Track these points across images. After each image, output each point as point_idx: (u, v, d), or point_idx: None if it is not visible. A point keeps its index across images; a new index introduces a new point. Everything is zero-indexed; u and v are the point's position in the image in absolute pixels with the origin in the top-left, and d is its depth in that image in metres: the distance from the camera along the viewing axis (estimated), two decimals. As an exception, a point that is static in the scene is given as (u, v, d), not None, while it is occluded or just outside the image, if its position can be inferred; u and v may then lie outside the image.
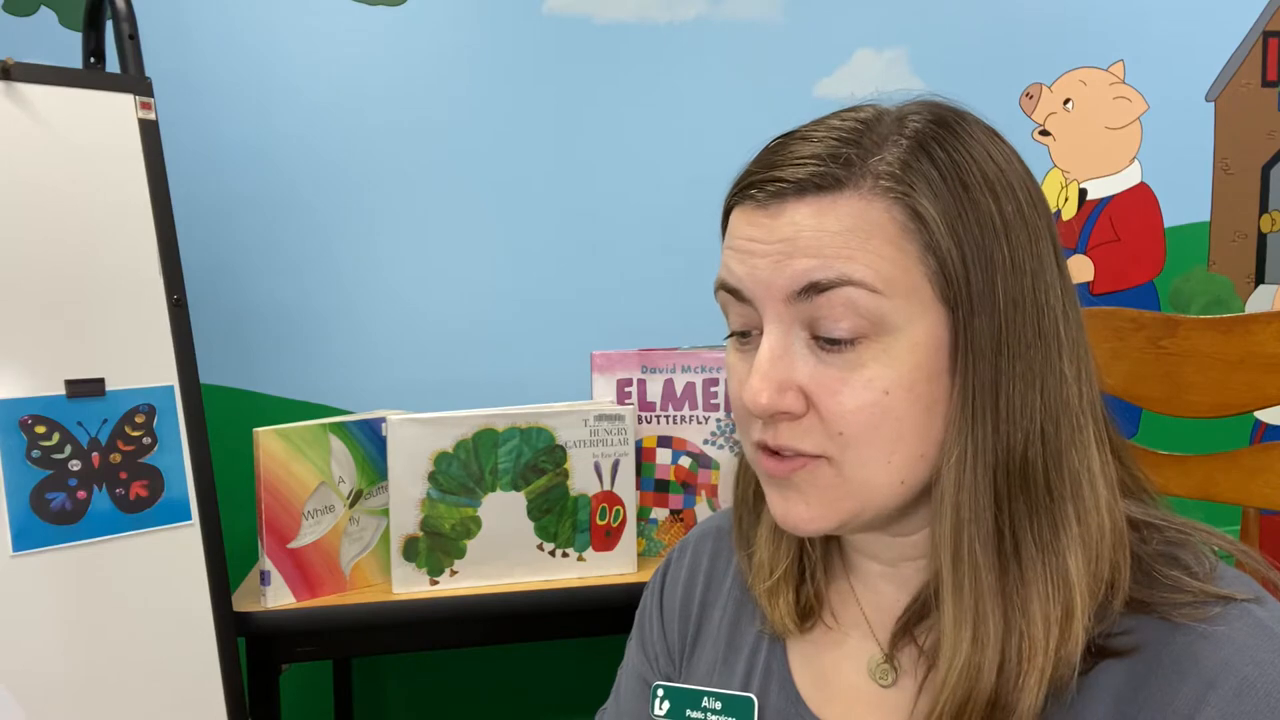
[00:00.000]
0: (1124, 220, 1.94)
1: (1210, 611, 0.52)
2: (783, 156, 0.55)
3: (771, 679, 0.64)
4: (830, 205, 0.52)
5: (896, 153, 0.53)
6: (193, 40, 1.63)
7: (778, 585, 0.64)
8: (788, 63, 1.80)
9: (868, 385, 0.52)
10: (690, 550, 0.75)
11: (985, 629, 0.52)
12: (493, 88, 1.73)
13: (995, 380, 0.52)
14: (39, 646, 1.06)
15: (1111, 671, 0.52)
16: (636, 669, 0.74)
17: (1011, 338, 0.53)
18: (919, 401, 0.53)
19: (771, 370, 0.53)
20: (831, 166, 0.53)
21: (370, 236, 1.72)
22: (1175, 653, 0.51)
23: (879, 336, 0.52)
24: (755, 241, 0.54)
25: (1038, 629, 0.51)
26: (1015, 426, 0.53)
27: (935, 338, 0.53)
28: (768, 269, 0.54)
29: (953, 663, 0.53)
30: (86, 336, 1.13)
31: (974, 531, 0.53)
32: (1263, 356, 1.00)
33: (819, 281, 0.52)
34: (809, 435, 0.54)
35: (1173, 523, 0.57)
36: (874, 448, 0.53)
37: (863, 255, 0.52)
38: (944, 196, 0.52)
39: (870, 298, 0.51)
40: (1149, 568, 0.54)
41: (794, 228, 0.53)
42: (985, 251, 0.52)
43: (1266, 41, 1.96)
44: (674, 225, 1.79)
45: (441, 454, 1.28)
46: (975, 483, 0.53)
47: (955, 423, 0.53)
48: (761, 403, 0.53)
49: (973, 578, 0.53)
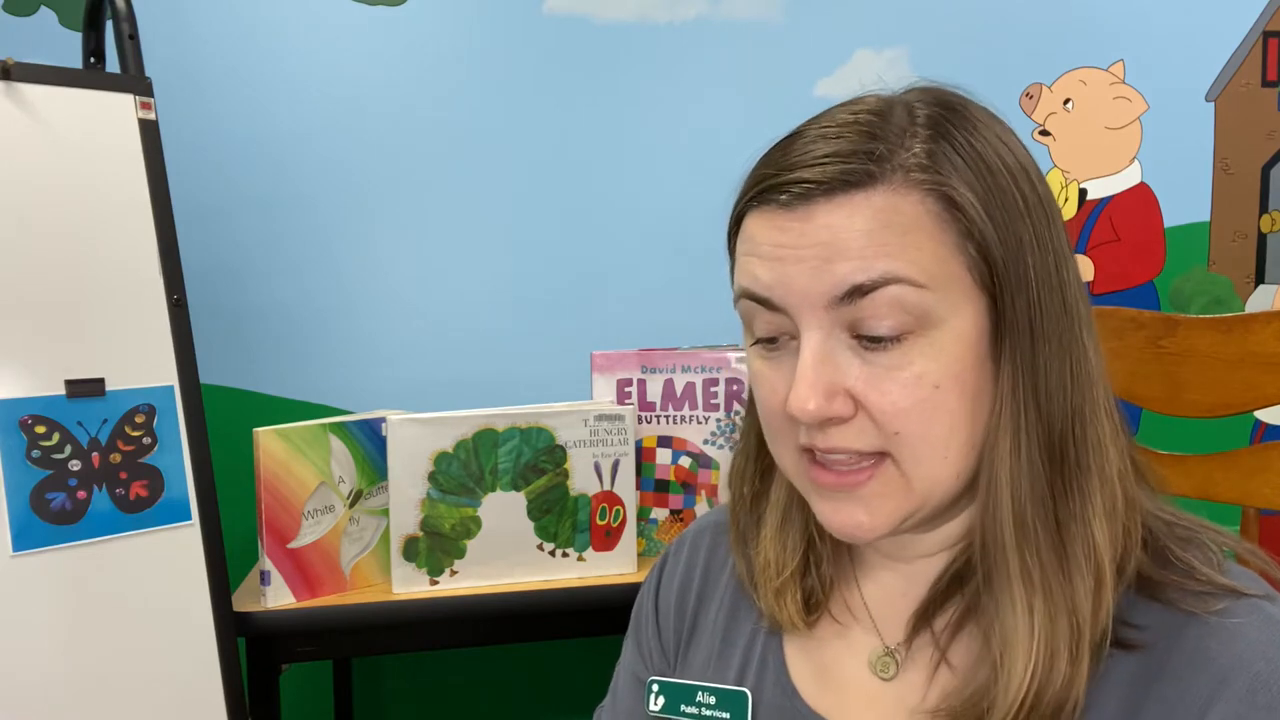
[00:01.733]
0: (1124, 220, 1.94)
1: (1220, 604, 0.51)
2: (800, 157, 0.53)
3: (767, 672, 0.64)
4: (864, 202, 0.51)
5: (920, 142, 0.52)
6: (193, 40, 1.63)
7: (786, 584, 0.63)
8: (788, 63, 1.80)
9: (918, 381, 0.52)
10: (688, 546, 0.75)
11: (1056, 614, 0.51)
12: (493, 88, 1.73)
13: (1034, 360, 0.53)
14: (39, 646, 1.06)
15: (1123, 663, 0.52)
16: (632, 666, 0.74)
17: (1045, 317, 0.53)
18: (967, 391, 0.52)
19: (818, 376, 0.52)
20: (857, 163, 0.51)
21: (370, 236, 1.72)
22: (1187, 647, 0.51)
23: (924, 331, 0.51)
24: (784, 247, 0.53)
25: (1083, 602, 0.51)
26: (1054, 404, 0.53)
27: (977, 326, 0.52)
28: (805, 275, 0.52)
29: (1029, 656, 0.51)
30: (86, 336, 1.13)
31: (1033, 512, 0.52)
32: (1262, 356, 1.00)
33: (863, 284, 0.51)
34: (863, 435, 0.53)
35: (1180, 519, 0.57)
36: (930, 443, 0.53)
37: (903, 251, 0.51)
38: (974, 183, 0.52)
39: (915, 293, 0.51)
40: (1164, 546, 0.54)
41: (829, 230, 0.51)
42: (1015, 233, 0.52)
43: (1266, 41, 1.96)
44: (674, 225, 1.79)
45: (441, 454, 1.28)
46: (1031, 465, 0.52)
47: (1003, 407, 0.53)
48: (810, 409, 0.52)
49: (1038, 562, 0.52)
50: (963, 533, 0.59)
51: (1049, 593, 0.52)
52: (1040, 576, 0.52)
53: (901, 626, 0.60)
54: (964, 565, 0.57)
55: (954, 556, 0.59)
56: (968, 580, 0.57)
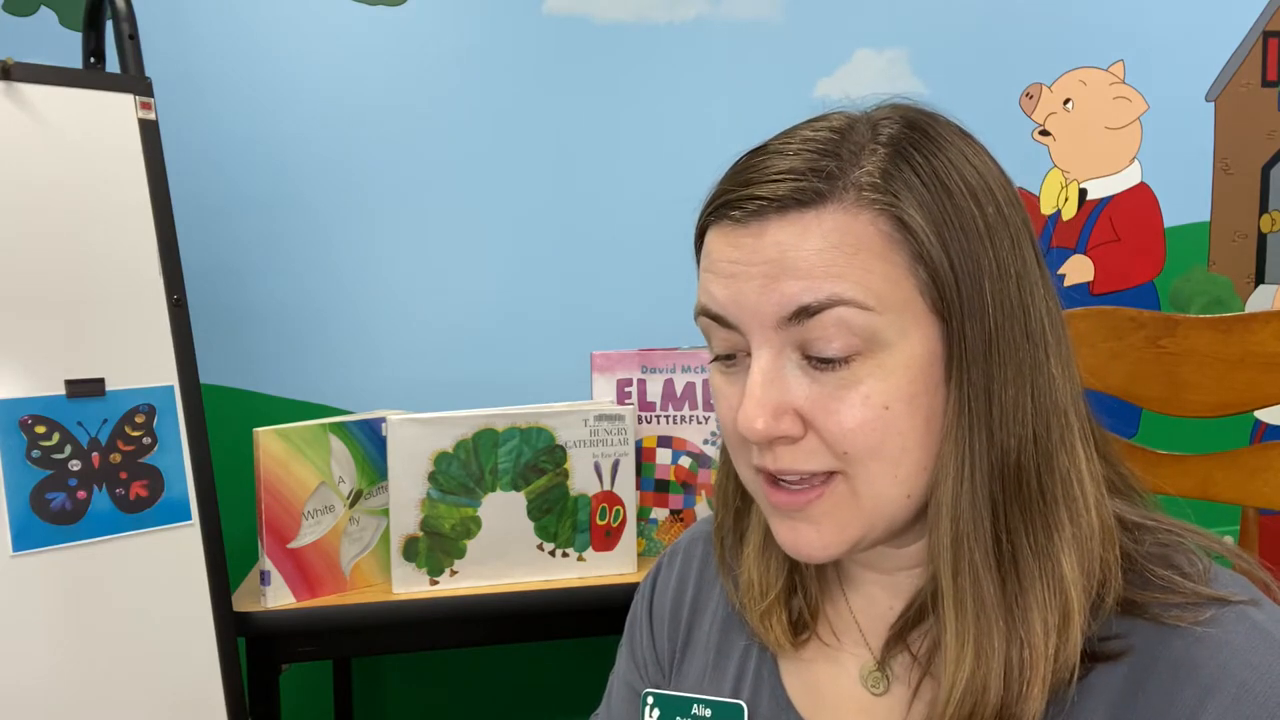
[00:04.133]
0: (1124, 220, 1.94)
1: (1205, 614, 0.51)
2: (758, 173, 0.53)
3: (762, 686, 0.64)
4: (814, 221, 0.51)
5: (876, 161, 0.51)
6: (193, 40, 1.63)
7: (771, 606, 0.62)
8: (788, 63, 1.80)
9: (866, 401, 0.51)
10: (681, 555, 0.74)
11: (989, 641, 0.51)
12: (493, 88, 1.73)
13: (988, 386, 0.52)
14: (38, 646, 1.06)
15: (1107, 676, 0.52)
16: (626, 676, 0.74)
17: (1002, 343, 0.52)
18: (919, 413, 0.52)
19: (765, 395, 0.52)
20: (812, 180, 0.51)
21: (371, 236, 1.72)
22: (1171, 657, 0.50)
23: (873, 353, 0.51)
24: (737, 264, 0.52)
25: (1038, 636, 0.51)
26: (1009, 431, 0.52)
27: (928, 350, 0.52)
28: (754, 293, 0.52)
29: (955, 678, 0.52)
30: (86, 336, 1.13)
31: (973, 542, 0.52)
32: (1262, 356, 1.00)
33: (809, 305, 0.50)
34: (813, 455, 0.53)
35: (1163, 523, 0.56)
36: (881, 463, 0.52)
37: (851, 272, 0.50)
38: (928, 204, 0.51)
39: (862, 315, 0.50)
40: (1142, 567, 0.54)
41: (778, 248, 0.51)
42: (972, 257, 0.51)
43: (1266, 41, 1.96)
44: (674, 225, 1.77)
45: (441, 454, 1.28)
46: (974, 491, 0.52)
47: (952, 432, 0.52)
48: (758, 428, 0.52)
49: (974, 589, 0.52)
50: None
51: (986, 623, 0.51)
52: (974, 606, 0.51)
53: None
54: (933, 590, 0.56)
55: (931, 572, 0.57)
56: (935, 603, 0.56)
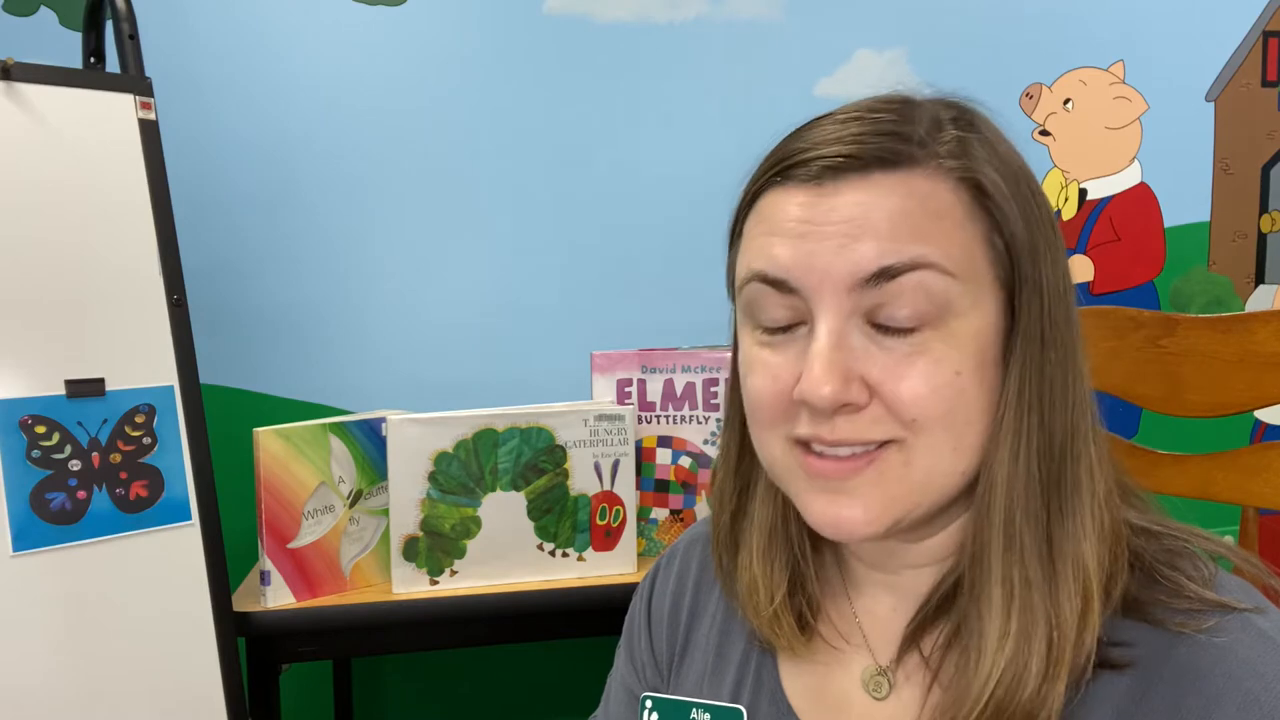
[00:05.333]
0: (1124, 220, 1.94)
1: (1210, 621, 0.50)
2: (829, 133, 0.51)
3: (762, 690, 0.63)
4: (899, 183, 0.50)
5: (952, 132, 0.51)
6: (192, 40, 1.63)
7: (780, 609, 0.60)
8: (788, 63, 1.80)
9: (938, 366, 0.50)
10: (679, 557, 0.73)
11: (1033, 626, 0.50)
12: (492, 87, 1.73)
13: (1041, 368, 0.51)
14: (38, 646, 1.06)
15: (1111, 683, 0.51)
16: (624, 679, 0.73)
17: (1054, 325, 0.52)
18: (984, 384, 0.51)
19: (834, 359, 0.49)
20: (896, 143, 0.50)
21: (370, 236, 1.72)
22: (1177, 665, 0.50)
23: (944, 322, 0.50)
24: (809, 224, 0.50)
25: (1067, 621, 0.50)
26: (1057, 416, 0.52)
27: (992, 324, 0.51)
28: (829, 254, 0.49)
29: (995, 662, 0.50)
30: (86, 336, 1.13)
31: (1024, 521, 0.51)
32: (1262, 356, 1.00)
33: (891, 266, 0.49)
34: (875, 424, 0.51)
35: (1169, 528, 0.56)
36: (945, 432, 0.50)
37: (935, 236, 0.49)
38: (1001, 180, 0.51)
39: (942, 280, 0.49)
40: (1150, 568, 0.53)
41: (860, 207, 0.49)
42: (1033, 238, 0.52)
43: (1266, 41, 1.96)
44: (674, 225, 1.79)
45: (441, 454, 1.28)
46: (1027, 470, 0.51)
47: (1011, 408, 0.51)
48: (825, 394, 0.49)
49: (1021, 569, 0.51)
50: (953, 547, 0.57)
51: (1028, 604, 0.51)
52: (1021, 587, 0.51)
53: (893, 644, 0.59)
54: (953, 584, 0.56)
55: (943, 572, 0.57)
56: (956, 599, 0.55)
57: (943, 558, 0.57)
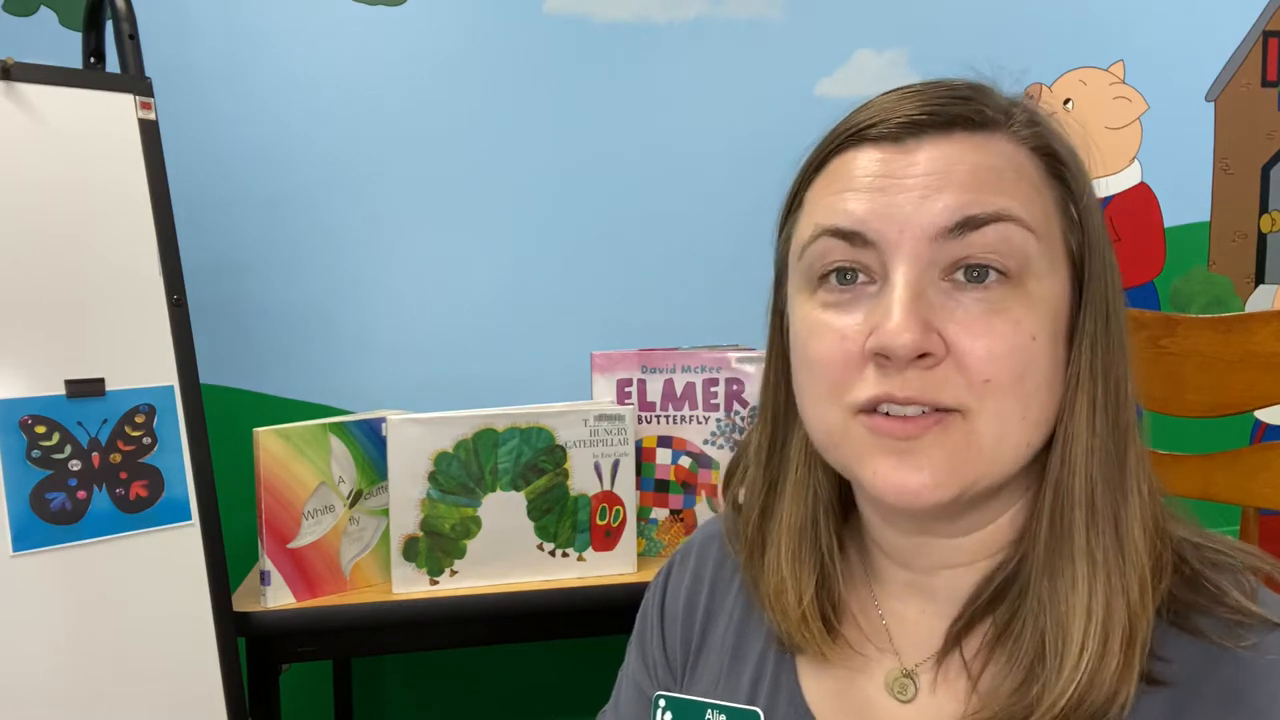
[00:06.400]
0: (1124, 220, 1.94)
1: (1253, 639, 0.49)
2: (904, 102, 0.52)
3: (780, 692, 0.61)
4: (982, 141, 0.51)
5: (1022, 107, 0.53)
6: (193, 40, 1.63)
7: (806, 613, 0.59)
8: (788, 63, 1.80)
9: (1017, 327, 0.49)
10: (694, 555, 0.71)
11: (1115, 605, 0.49)
12: (493, 87, 1.73)
13: (1108, 344, 0.52)
14: (38, 646, 1.06)
15: (1152, 700, 0.50)
16: (636, 676, 0.72)
17: (1113, 308, 0.53)
18: (1056, 353, 0.51)
19: (915, 307, 0.48)
20: (974, 106, 0.52)
21: (370, 236, 1.71)
22: (1219, 684, 0.49)
23: (1022, 280, 0.50)
24: (888, 178, 0.50)
25: (1136, 600, 0.50)
26: (1122, 392, 0.52)
27: (1063, 294, 0.52)
28: (910, 204, 0.49)
29: (1089, 631, 0.49)
30: (86, 336, 1.13)
31: (1102, 493, 0.51)
32: (1262, 356, 1.00)
33: (976, 215, 0.49)
34: (947, 385, 0.49)
35: (1211, 541, 0.55)
36: (1016, 398, 0.49)
37: (1018, 192, 0.50)
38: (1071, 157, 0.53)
39: (1024, 235, 0.49)
40: (1195, 574, 0.52)
41: (944, 160, 0.50)
42: (1097, 216, 0.53)
43: (1266, 41, 1.96)
44: (674, 225, 1.79)
45: (441, 454, 1.28)
46: (1105, 447, 0.51)
47: (1083, 381, 0.51)
48: (905, 340, 0.48)
49: (1100, 542, 0.51)
50: (1002, 542, 0.56)
51: (1109, 577, 0.50)
52: (1103, 559, 0.50)
53: (920, 646, 0.58)
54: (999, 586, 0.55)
55: (990, 569, 0.56)
56: (1001, 601, 0.54)
57: (989, 554, 0.56)
